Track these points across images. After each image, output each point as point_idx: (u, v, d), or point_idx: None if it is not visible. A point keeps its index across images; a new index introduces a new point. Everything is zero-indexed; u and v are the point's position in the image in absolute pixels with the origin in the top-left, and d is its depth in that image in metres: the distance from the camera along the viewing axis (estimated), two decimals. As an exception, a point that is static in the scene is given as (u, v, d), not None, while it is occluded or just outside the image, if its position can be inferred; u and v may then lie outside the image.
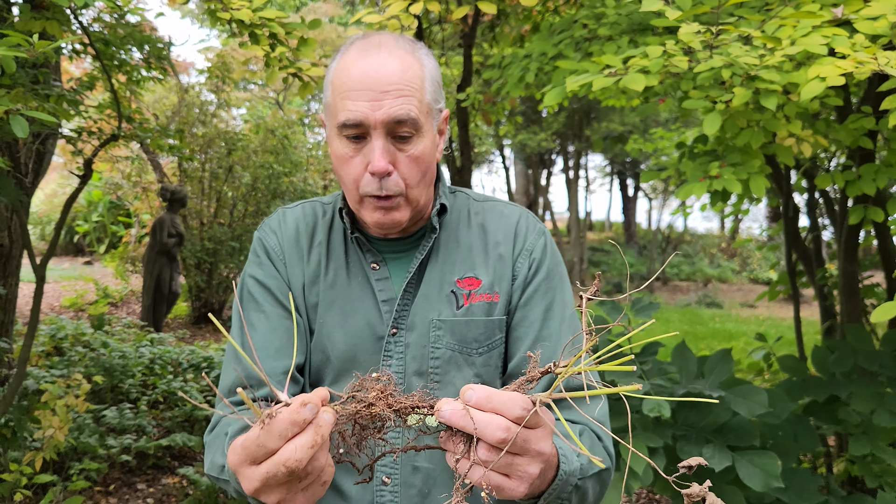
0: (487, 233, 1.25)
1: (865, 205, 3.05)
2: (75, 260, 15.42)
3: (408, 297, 1.19)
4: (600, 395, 1.17)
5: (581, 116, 15.82)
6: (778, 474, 2.25)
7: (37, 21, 2.52)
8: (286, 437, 0.75)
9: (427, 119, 1.14)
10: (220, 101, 10.13)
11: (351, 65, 1.11)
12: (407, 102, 1.09)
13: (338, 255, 1.24)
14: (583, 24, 2.78)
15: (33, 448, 3.69)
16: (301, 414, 0.75)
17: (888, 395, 2.71)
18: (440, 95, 1.18)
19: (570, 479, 0.96)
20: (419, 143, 1.13)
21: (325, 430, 0.76)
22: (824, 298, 4.15)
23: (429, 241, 1.21)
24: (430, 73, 1.15)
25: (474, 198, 1.31)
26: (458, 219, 1.27)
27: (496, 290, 1.20)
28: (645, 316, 2.50)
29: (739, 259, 20.10)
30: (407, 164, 1.12)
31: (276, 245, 1.26)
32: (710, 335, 10.05)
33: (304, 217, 1.29)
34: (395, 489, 1.15)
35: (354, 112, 1.08)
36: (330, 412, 0.78)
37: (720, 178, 2.22)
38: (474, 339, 1.17)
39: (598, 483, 1.07)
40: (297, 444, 0.75)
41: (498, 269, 1.21)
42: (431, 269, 1.21)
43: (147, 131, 3.75)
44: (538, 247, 1.24)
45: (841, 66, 1.81)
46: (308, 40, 2.69)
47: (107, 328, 7.14)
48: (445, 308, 1.18)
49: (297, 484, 0.80)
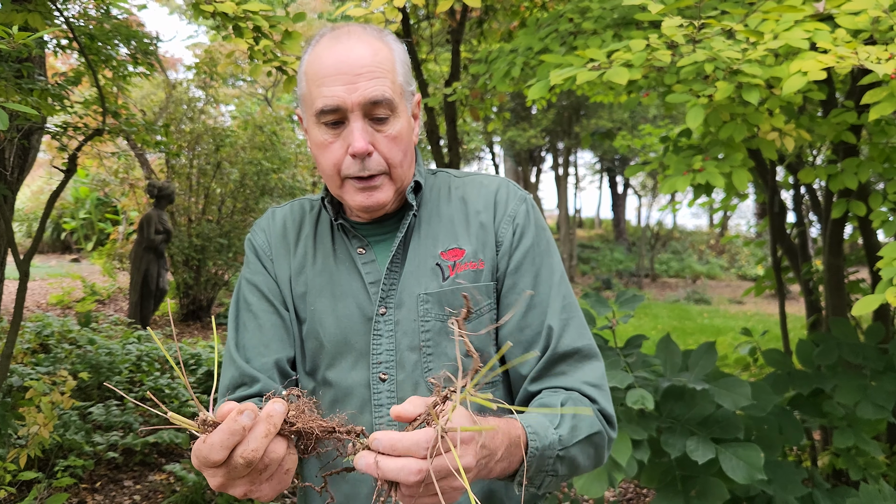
0: (468, 203, 1.26)
1: (848, 199, 3.07)
2: (62, 257, 15.32)
3: (394, 276, 1.21)
4: (595, 359, 1.18)
5: (570, 113, 15.85)
6: (761, 466, 2.26)
7: (18, 14, 2.51)
8: (229, 447, 0.79)
9: (401, 100, 1.17)
10: (208, 97, 10.08)
11: (322, 53, 1.14)
12: (381, 84, 1.12)
13: (325, 244, 1.27)
14: (568, 19, 2.78)
15: (18, 445, 3.66)
16: (239, 422, 0.78)
17: (872, 388, 2.73)
18: (410, 79, 1.22)
19: (548, 453, 1.00)
20: (396, 123, 1.15)
21: (276, 420, 0.80)
22: (810, 293, 4.17)
23: (407, 218, 1.23)
24: (399, 56, 1.18)
25: (455, 175, 1.33)
26: (439, 195, 1.29)
27: (480, 257, 1.21)
28: (629, 308, 2.51)
29: (728, 256, 20.21)
30: (386, 144, 1.15)
31: (263, 242, 1.31)
32: (699, 331, 10.11)
33: (292, 213, 1.33)
34: None
35: (331, 97, 1.11)
36: (280, 402, 0.82)
37: (703, 171, 2.23)
38: (461, 306, 1.18)
39: (589, 446, 1.09)
40: (251, 437, 0.79)
41: (480, 236, 1.22)
42: (415, 246, 1.23)
43: (133, 126, 3.72)
44: (520, 213, 1.24)
45: (822, 61, 1.82)
46: (293, 34, 2.68)
47: (94, 325, 7.10)
48: (431, 281, 1.20)
49: (259, 475, 0.83)
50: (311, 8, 15.74)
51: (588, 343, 1.20)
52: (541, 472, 1.01)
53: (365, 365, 1.19)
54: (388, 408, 1.16)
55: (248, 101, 16.04)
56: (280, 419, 0.81)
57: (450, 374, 0.84)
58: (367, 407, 1.18)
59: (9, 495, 3.55)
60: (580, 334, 1.20)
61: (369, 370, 1.19)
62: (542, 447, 0.99)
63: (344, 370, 1.20)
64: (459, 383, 0.80)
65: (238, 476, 0.82)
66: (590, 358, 1.19)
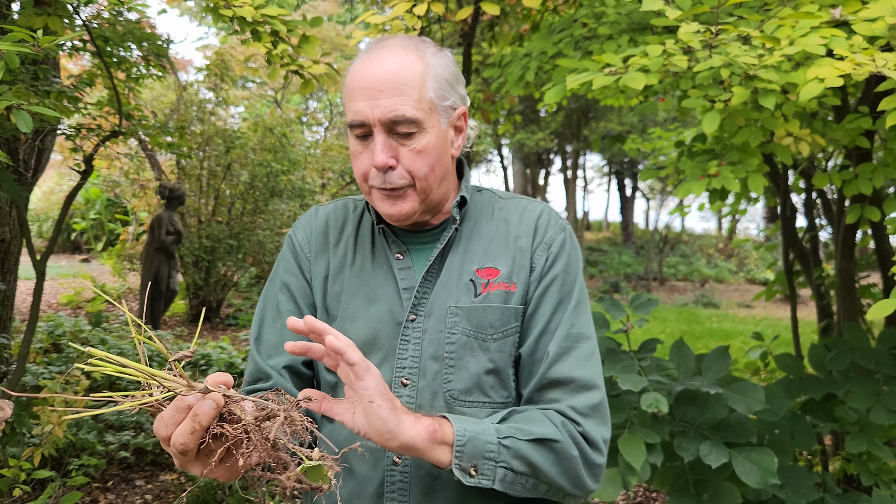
0: (509, 226, 1.28)
1: (862, 204, 3.07)
2: (73, 257, 15.40)
3: (427, 284, 1.23)
4: (594, 391, 1.18)
5: (579, 116, 15.85)
6: (775, 471, 2.26)
7: (38, 17, 2.53)
8: (176, 423, 0.84)
9: (429, 115, 1.18)
10: (218, 98, 10.13)
11: (357, 67, 1.19)
12: (401, 101, 1.15)
13: (365, 246, 1.30)
14: (583, 23, 2.79)
15: (32, 444, 3.69)
16: (184, 401, 0.83)
17: (885, 393, 2.72)
18: (449, 92, 1.21)
19: (484, 437, 1.05)
20: (422, 138, 1.17)
21: (202, 419, 0.83)
22: (821, 298, 4.16)
23: (449, 231, 1.25)
24: (433, 70, 1.19)
25: (500, 195, 1.35)
26: (481, 212, 1.31)
27: (514, 280, 1.23)
28: (643, 312, 2.52)
29: (737, 259, 20.15)
30: (410, 158, 1.17)
31: (303, 239, 1.34)
32: (708, 334, 10.08)
33: (335, 212, 1.37)
34: (406, 469, 1.17)
35: (357, 113, 1.16)
36: (211, 402, 0.83)
37: (718, 176, 2.23)
38: (490, 324, 1.20)
39: (548, 451, 1.09)
40: (178, 430, 0.83)
41: (517, 260, 1.24)
42: (452, 259, 1.25)
43: (147, 128, 3.75)
44: (557, 241, 1.26)
45: (839, 68, 1.83)
46: (310, 38, 2.70)
47: (104, 325, 7.14)
48: (463, 296, 1.22)
49: (208, 459, 0.87)
50: (322, 10, 15.78)
51: (588, 375, 1.18)
52: (485, 458, 1.04)
53: (389, 368, 1.21)
54: None
55: (258, 102, 16.10)
56: (207, 418, 0.82)
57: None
58: None
59: (23, 493, 3.58)
60: (580, 364, 1.18)
61: (392, 373, 1.20)
62: (473, 430, 1.04)
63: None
64: None
65: (185, 460, 0.87)
66: (587, 389, 1.17)
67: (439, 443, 1.02)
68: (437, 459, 1.02)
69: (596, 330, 1.30)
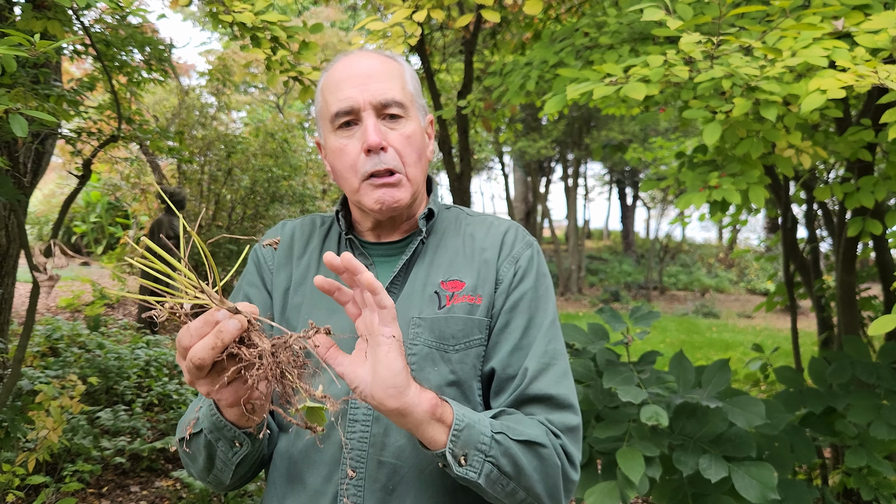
0: (475, 240, 1.29)
1: (864, 217, 3.06)
2: (72, 260, 15.37)
3: (391, 295, 1.21)
4: (570, 411, 1.17)
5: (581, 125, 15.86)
6: (774, 486, 2.24)
7: (38, 21, 2.52)
8: (200, 335, 0.86)
9: (412, 106, 1.24)
10: (220, 103, 10.13)
11: (336, 68, 1.24)
12: (391, 85, 1.20)
13: None
14: (584, 33, 2.78)
15: (26, 449, 3.67)
16: (213, 316, 0.86)
17: (885, 408, 2.71)
18: (421, 96, 1.28)
19: (479, 427, 1.03)
20: (408, 123, 1.21)
21: (225, 336, 0.85)
22: (821, 310, 4.15)
23: (415, 242, 1.26)
24: (408, 71, 1.26)
25: (467, 212, 1.36)
26: (447, 227, 1.31)
27: (479, 292, 1.22)
28: (644, 325, 2.50)
29: (737, 269, 20.12)
30: (400, 141, 1.20)
31: (268, 251, 1.34)
32: (707, 345, 10.05)
33: (302, 227, 1.37)
34: (360, 483, 1.15)
35: (345, 100, 1.18)
36: (237, 321, 0.85)
37: (719, 188, 2.22)
38: (452, 335, 1.19)
39: (533, 456, 1.08)
40: (200, 344, 0.85)
41: (482, 272, 1.24)
42: (418, 271, 1.25)
43: (147, 132, 3.74)
44: (524, 256, 1.26)
45: (842, 79, 1.81)
46: (310, 44, 2.69)
47: (103, 329, 7.12)
48: (427, 307, 1.21)
49: (218, 378, 0.89)
50: (325, 16, 15.82)
51: (564, 393, 1.17)
52: (477, 450, 1.02)
53: None
54: (363, 424, 1.17)
55: (260, 107, 16.12)
56: (230, 336, 0.85)
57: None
58: (343, 420, 1.18)
59: (17, 499, 3.56)
60: (558, 382, 1.18)
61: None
62: (471, 418, 1.03)
63: (324, 382, 1.20)
64: None
65: (197, 377, 0.89)
66: (563, 408, 1.17)
67: (438, 420, 1.00)
68: (430, 437, 1.00)
69: (595, 342, 1.29)
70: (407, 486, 1.16)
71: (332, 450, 1.17)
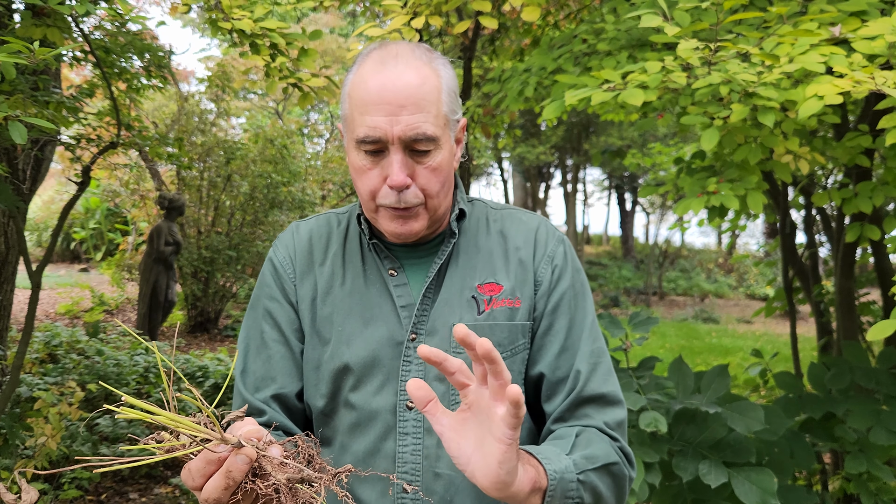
0: (507, 238, 1.24)
1: (862, 222, 3.06)
2: (71, 267, 15.38)
3: (427, 302, 1.18)
4: (619, 406, 1.18)
5: (580, 130, 15.89)
6: (774, 491, 2.23)
7: (37, 28, 2.53)
8: (206, 475, 0.81)
9: (444, 131, 1.13)
10: (219, 110, 10.15)
11: (368, 77, 1.10)
12: (424, 119, 1.09)
13: (354, 264, 1.23)
14: (582, 39, 2.79)
15: (25, 456, 3.66)
16: (215, 454, 0.80)
17: (885, 413, 2.70)
18: (457, 105, 1.17)
19: (567, 476, 0.99)
20: (437, 155, 1.12)
21: (236, 475, 0.80)
22: (821, 315, 4.15)
23: (448, 245, 1.20)
24: (446, 83, 1.14)
25: (492, 206, 1.31)
26: (477, 225, 1.26)
27: (517, 295, 1.19)
28: (643, 331, 2.50)
29: (736, 275, 20.12)
30: (425, 176, 1.12)
31: (285, 259, 1.26)
32: (707, 350, 10.05)
33: (318, 228, 1.29)
34: (417, 497, 1.13)
35: (373, 129, 1.08)
36: (244, 457, 0.81)
37: (718, 193, 2.22)
38: (498, 342, 1.16)
39: (607, 476, 1.08)
40: (211, 485, 0.81)
41: (519, 274, 1.21)
42: (451, 275, 1.20)
43: (146, 139, 3.75)
44: (559, 254, 1.24)
45: (839, 85, 1.82)
46: (309, 51, 2.69)
47: (102, 336, 7.11)
48: (466, 313, 1.17)
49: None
50: (324, 23, 15.86)
51: (613, 389, 1.19)
52: (566, 497, 0.99)
53: (392, 390, 1.16)
54: (414, 437, 1.14)
55: (259, 114, 16.14)
56: (240, 474, 0.80)
57: None
58: (392, 434, 1.15)
59: (15, 506, 3.54)
60: (606, 380, 1.18)
61: (396, 396, 1.15)
62: (559, 470, 0.99)
63: (369, 393, 1.16)
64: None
65: None
66: (614, 404, 1.18)
67: (536, 490, 0.96)
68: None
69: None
70: (464, 496, 1.14)
71: (384, 464, 1.14)
